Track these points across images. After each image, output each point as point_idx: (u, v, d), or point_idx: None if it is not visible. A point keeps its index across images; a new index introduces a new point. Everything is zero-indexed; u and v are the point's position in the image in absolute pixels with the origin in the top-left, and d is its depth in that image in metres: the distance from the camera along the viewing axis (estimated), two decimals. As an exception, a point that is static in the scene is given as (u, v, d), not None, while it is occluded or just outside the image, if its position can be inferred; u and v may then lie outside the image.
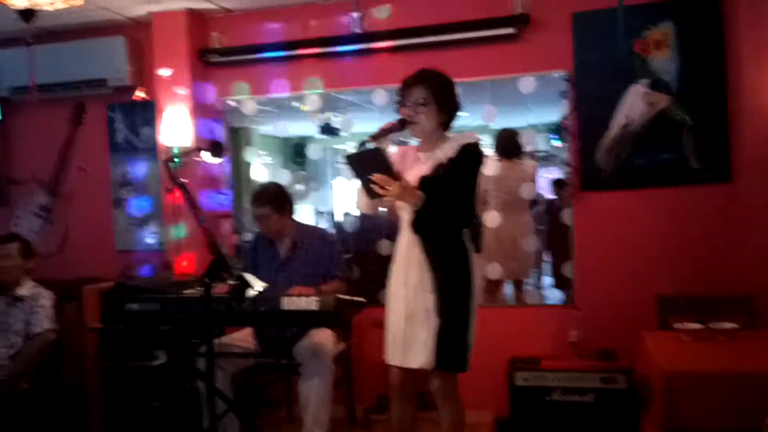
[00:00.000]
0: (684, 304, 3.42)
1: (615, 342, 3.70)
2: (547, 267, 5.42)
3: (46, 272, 4.10)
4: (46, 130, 4.73)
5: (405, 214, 2.72)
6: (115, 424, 3.87)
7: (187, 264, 4.18)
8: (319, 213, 7.06)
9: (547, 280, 5.42)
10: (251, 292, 2.44)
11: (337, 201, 7.26)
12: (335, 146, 6.98)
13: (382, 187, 2.53)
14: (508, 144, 4.63)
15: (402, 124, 2.69)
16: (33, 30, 4.43)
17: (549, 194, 5.71)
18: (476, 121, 4.13)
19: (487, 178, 4.42)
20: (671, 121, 3.75)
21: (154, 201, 4.56)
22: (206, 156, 3.87)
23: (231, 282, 2.40)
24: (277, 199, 3.58)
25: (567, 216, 3.99)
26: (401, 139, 3.09)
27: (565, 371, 3.63)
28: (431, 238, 2.67)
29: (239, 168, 5.21)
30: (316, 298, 2.89)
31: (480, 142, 2.73)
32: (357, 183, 2.67)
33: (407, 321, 2.68)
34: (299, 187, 4.82)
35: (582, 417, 3.54)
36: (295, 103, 4.74)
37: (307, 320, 2.94)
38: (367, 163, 2.57)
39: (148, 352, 3.77)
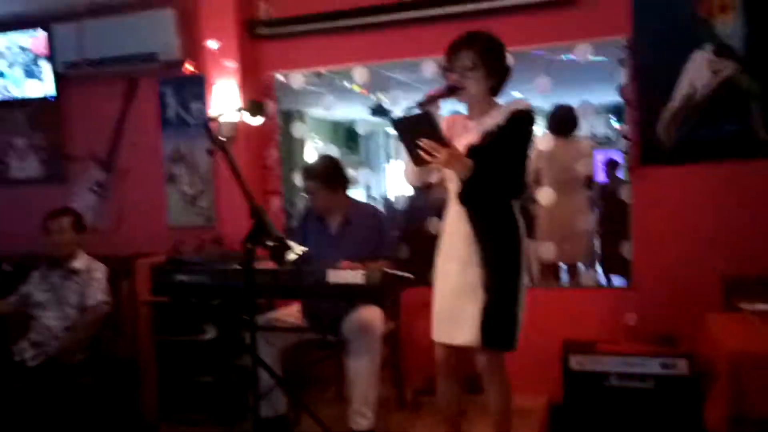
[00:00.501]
0: (751, 285, 3.22)
1: (676, 326, 3.53)
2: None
3: (101, 248, 4.16)
4: (100, 105, 4.80)
5: (452, 186, 2.63)
6: (167, 398, 3.92)
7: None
8: (371, 197, 7.03)
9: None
10: (291, 255, 2.39)
11: (389, 184, 7.20)
12: (387, 129, 6.89)
13: (430, 154, 2.41)
14: (563, 121, 4.46)
15: (450, 90, 2.59)
16: (85, 5, 4.51)
17: (602, 177, 5.50)
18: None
19: (540, 155, 4.29)
20: (737, 90, 3.52)
21: (205, 176, 4.56)
22: (246, 116, 3.82)
23: (270, 243, 2.35)
24: (326, 174, 3.53)
25: (624, 193, 3.81)
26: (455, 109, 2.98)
27: (623, 355, 3.48)
28: (479, 211, 2.57)
29: (291, 148, 5.19)
30: (362, 272, 2.83)
31: (531, 109, 2.60)
32: (403, 150, 2.56)
33: (454, 296, 2.60)
34: (351, 171, 4.76)
35: (641, 404, 3.39)
36: (346, 83, 4.67)
37: (352, 294, 2.89)
38: (415, 128, 2.45)
39: (198, 327, 3.80)
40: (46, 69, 4.83)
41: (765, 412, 2.29)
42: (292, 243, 2.45)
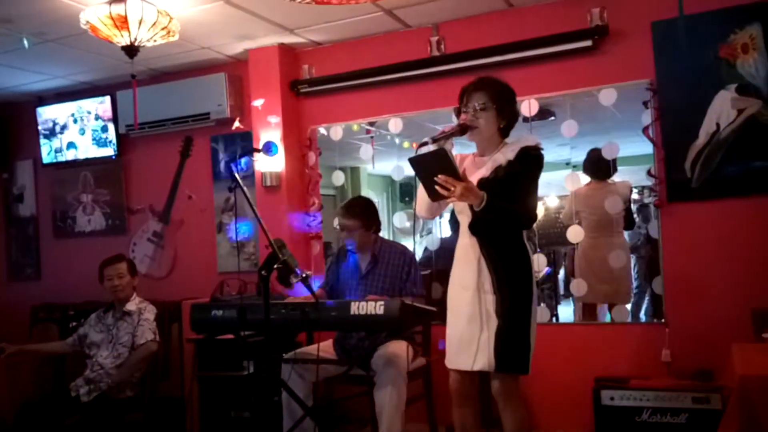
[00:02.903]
0: (779, 317, 3.20)
1: (710, 360, 3.50)
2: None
3: (157, 293, 4.45)
4: (158, 162, 5.19)
5: (463, 218, 2.76)
6: (209, 432, 4.10)
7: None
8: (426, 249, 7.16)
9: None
10: (293, 279, 2.55)
11: (443, 233, 7.30)
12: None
13: (445, 188, 2.53)
14: (598, 164, 4.54)
15: (462, 129, 2.73)
16: (148, 72, 4.96)
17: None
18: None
19: (578, 198, 4.37)
20: (763, 127, 3.57)
21: (253, 225, 4.83)
22: (260, 156, 4.07)
23: (277, 266, 2.53)
24: (365, 213, 3.72)
25: (653, 229, 3.85)
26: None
27: (654, 390, 3.48)
28: (490, 240, 2.68)
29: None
30: (382, 303, 2.96)
31: (540, 146, 2.73)
32: (420, 186, 2.68)
33: (467, 323, 2.69)
34: (407, 224, 4.92)
35: (674, 439, 3.36)
36: (397, 140, 4.88)
37: (373, 325, 3.00)
38: (431, 164, 2.57)
39: (238, 363, 3.98)
40: (109, 131, 5.28)
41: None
42: (297, 267, 2.62)
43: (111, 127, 5.26)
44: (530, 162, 2.70)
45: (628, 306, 4.61)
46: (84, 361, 3.99)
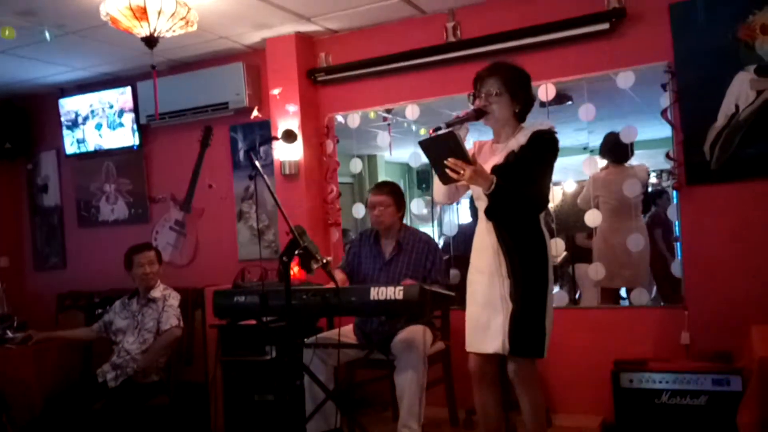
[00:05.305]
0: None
1: (730, 343, 3.50)
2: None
3: (179, 280, 4.52)
4: (179, 151, 5.26)
5: (481, 203, 2.78)
6: (234, 417, 4.17)
7: (298, 270, 4.43)
8: (443, 234, 7.17)
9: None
10: (314, 265, 2.60)
11: (461, 220, 7.31)
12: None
13: (455, 171, 2.55)
14: (615, 148, 4.52)
15: (477, 114, 2.74)
16: (167, 63, 5.01)
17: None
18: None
19: (596, 182, 4.37)
20: (782, 108, 3.54)
21: (271, 212, 4.88)
22: (280, 144, 4.09)
23: (298, 252, 2.58)
24: (396, 193, 3.79)
25: (672, 211, 3.84)
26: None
27: (674, 372, 3.48)
28: (506, 224, 2.70)
29: (363, 189, 5.50)
30: (401, 288, 3.00)
31: (553, 130, 2.74)
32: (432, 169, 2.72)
33: (484, 307, 2.72)
34: (424, 210, 4.94)
35: (693, 421, 3.38)
36: (414, 127, 4.90)
37: (392, 309, 3.03)
38: (441, 148, 2.59)
39: (260, 347, 4.05)
40: (130, 121, 5.34)
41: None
42: (317, 253, 2.66)
43: (131, 117, 5.32)
44: (542, 146, 2.71)
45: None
46: (110, 347, 4.08)
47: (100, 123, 5.48)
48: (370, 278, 3.76)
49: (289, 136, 3.09)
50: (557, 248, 4.15)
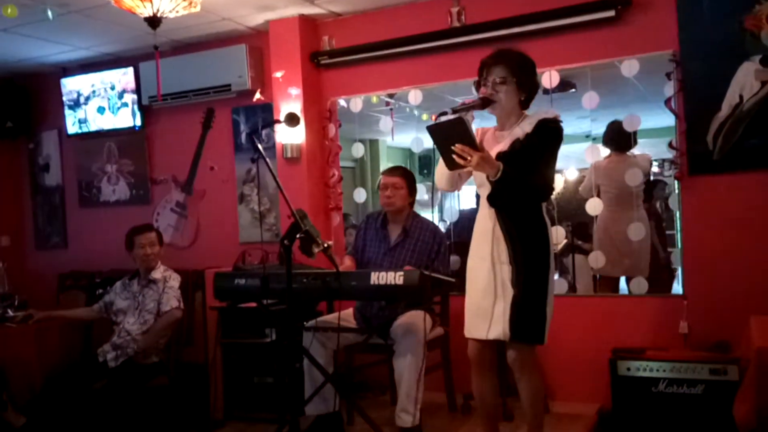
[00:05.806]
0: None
1: (729, 332, 3.51)
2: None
3: (180, 262, 4.53)
4: (181, 133, 5.25)
5: (483, 190, 2.78)
6: (233, 398, 4.19)
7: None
8: (443, 220, 7.18)
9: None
10: (315, 249, 2.60)
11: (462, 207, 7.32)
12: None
13: (462, 157, 2.54)
14: (618, 136, 4.51)
15: (483, 102, 2.73)
16: (170, 43, 4.99)
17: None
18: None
19: (598, 171, 4.36)
20: (787, 99, 3.53)
21: (272, 195, 4.88)
22: (282, 127, 4.08)
23: (299, 236, 2.58)
24: (409, 177, 3.80)
25: (673, 201, 3.84)
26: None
27: (671, 361, 3.49)
28: (508, 211, 2.71)
29: (364, 173, 5.51)
30: (401, 273, 3.01)
31: (558, 118, 2.73)
32: (440, 158, 2.70)
33: (484, 293, 2.72)
34: (425, 196, 4.94)
35: (689, 409, 3.39)
36: (416, 112, 4.89)
37: (392, 294, 3.05)
38: (448, 133, 2.57)
39: (260, 330, 4.07)
40: (132, 102, 5.33)
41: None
42: (318, 237, 2.66)
43: (133, 98, 5.31)
44: (547, 134, 2.70)
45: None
46: (111, 327, 4.09)
47: (102, 106, 5.46)
48: (374, 262, 3.77)
49: (291, 119, 3.07)
50: (558, 236, 4.15)
